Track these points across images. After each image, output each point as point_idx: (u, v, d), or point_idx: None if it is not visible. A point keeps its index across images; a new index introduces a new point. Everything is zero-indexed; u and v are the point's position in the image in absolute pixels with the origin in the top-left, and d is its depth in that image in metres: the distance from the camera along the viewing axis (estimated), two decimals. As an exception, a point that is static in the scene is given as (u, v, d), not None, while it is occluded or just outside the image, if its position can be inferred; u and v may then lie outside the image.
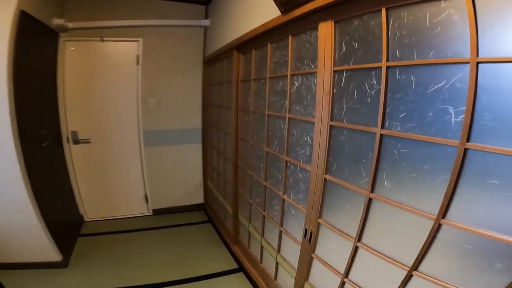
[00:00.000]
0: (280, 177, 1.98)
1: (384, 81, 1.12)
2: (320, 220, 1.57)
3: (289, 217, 1.93)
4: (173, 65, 3.58)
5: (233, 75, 2.63)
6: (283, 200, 1.95)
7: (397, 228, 1.14)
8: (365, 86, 1.24)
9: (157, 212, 3.89)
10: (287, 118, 1.84)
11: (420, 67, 1.00)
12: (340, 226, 1.45)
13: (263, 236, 2.34)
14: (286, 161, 1.88)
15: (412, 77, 1.03)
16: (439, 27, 0.93)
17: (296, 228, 1.85)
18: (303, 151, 1.71)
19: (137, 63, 3.39)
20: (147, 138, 3.62)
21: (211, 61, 3.47)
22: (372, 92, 1.20)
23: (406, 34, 1.05)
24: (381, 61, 1.14)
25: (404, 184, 1.09)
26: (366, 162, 1.25)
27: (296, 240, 1.83)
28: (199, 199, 4.19)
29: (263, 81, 2.17)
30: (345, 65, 1.35)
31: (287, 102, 1.83)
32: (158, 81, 3.54)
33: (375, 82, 1.18)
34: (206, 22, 3.40)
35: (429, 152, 0.99)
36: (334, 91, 1.42)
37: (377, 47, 1.16)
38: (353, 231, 1.34)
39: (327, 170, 1.50)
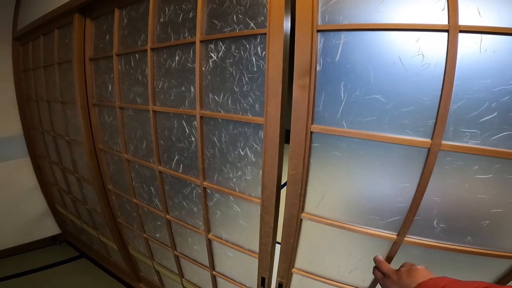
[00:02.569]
0: (195, 209, 1.22)
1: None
2: (294, 270, 1.00)
3: (225, 260, 1.27)
4: None
5: (75, 52, 1.45)
6: (210, 241, 1.24)
7: None
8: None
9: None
10: (198, 117, 1.02)
11: None
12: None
13: (183, 278, 1.61)
14: (205, 188, 1.12)
15: None
16: None
17: (242, 274, 1.22)
18: (239, 172, 0.99)
19: None
20: None
21: (31, 35, 1.94)
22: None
23: None
24: None
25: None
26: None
27: (245, 287, 1.23)
28: (51, 230, 2.88)
29: (138, 55, 1.20)
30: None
31: (195, 89, 1.00)
32: None
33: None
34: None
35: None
36: (318, 68, 0.76)
37: None
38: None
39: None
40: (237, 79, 0.91)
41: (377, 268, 0.72)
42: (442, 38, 0.64)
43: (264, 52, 0.84)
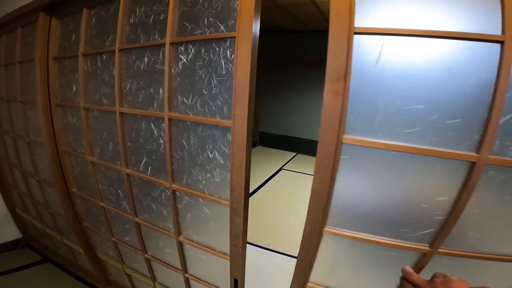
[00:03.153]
0: (165, 211, 1.20)
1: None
2: (309, 284, 1.01)
3: (198, 262, 1.26)
4: None
5: (37, 51, 1.36)
6: (181, 243, 1.23)
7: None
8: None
9: None
10: (166, 119, 1.00)
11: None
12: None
13: (156, 281, 1.58)
14: (174, 190, 1.10)
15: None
16: None
17: (215, 276, 1.23)
18: (208, 174, 0.98)
19: None
20: None
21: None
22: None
23: None
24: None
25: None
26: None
27: None
28: (11, 234, 2.70)
29: (106, 56, 1.15)
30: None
31: (164, 91, 0.97)
32: None
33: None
34: None
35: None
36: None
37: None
38: None
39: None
40: (206, 82, 0.91)
41: (405, 279, 0.66)
42: (495, 48, 0.61)
43: (233, 56, 0.84)
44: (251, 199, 3.52)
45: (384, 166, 0.73)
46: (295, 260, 2.46)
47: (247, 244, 2.51)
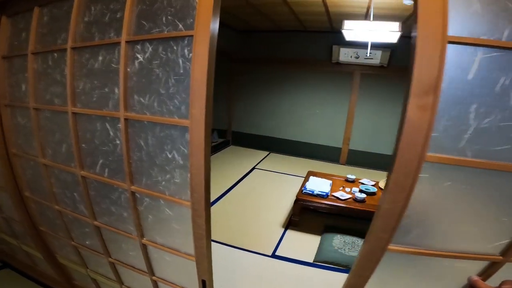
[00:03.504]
0: (125, 214, 1.16)
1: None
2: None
3: (161, 264, 1.24)
4: None
5: None
6: (145, 246, 1.20)
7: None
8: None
9: None
10: (122, 119, 0.96)
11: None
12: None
13: (123, 284, 1.53)
14: (133, 192, 1.06)
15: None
16: None
17: (183, 278, 1.21)
18: (167, 175, 0.96)
19: None
20: None
21: None
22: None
23: None
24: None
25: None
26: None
27: None
28: (-38, 243, 2.47)
29: (57, 55, 1.09)
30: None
31: (119, 90, 0.93)
32: None
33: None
34: None
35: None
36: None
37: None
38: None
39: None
40: (164, 81, 0.88)
41: None
42: None
43: (191, 54, 0.83)
44: (224, 198, 3.51)
45: (470, 184, 0.71)
46: (268, 258, 2.46)
47: (220, 245, 2.52)
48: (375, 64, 4.56)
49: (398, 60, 4.51)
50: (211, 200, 3.31)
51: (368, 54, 4.39)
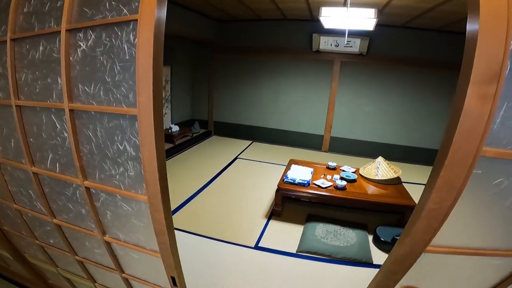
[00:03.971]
0: (83, 210, 1.10)
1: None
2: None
3: (129, 261, 1.19)
4: None
5: None
6: (108, 243, 1.14)
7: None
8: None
9: None
10: (67, 110, 0.89)
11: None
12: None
13: (96, 282, 1.48)
14: (87, 187, 1.00)
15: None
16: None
17: (153, 275, 1.17)
18: (121, 168, 0.90)
19: None
20: None
21: None
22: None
23: None
24: None
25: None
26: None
27: (161, 287, 1.18)
28: None
29: None
30: None
31: (61, 80, 0.86)
32: None
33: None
34: None
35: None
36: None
37: None
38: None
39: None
40: (109, 68, 0.82)
41: None
42: None
43: (136, 40, 0.76)
44: (205, 190, 3.46)
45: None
46: (251, 249, 2.43)
47: (201, 238, 2.49)
48: (354, 52, 4.59)
49: (377, 48, 4.54)
50: (193, 192, 3.31)
51: (346, 42, 4.41)
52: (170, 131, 5.02)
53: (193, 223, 2.73)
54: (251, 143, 5.59)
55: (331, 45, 4.61)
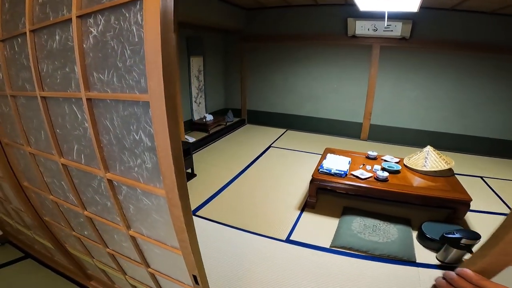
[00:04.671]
0: (108, 203, 1.08)
1: None
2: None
3: (153, 256, 1.16)
4: None
5: None
6: (134, 238, 1.12)
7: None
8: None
9: None
10: (84, 100, 0.85)
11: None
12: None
13: (126, 275, 1.50)
14: (110, 180, 0.97)
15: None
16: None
17: (176, 271, 1.13)
18: (138, 159, 0.85)
19: None
20: None
21: None
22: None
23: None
24: None
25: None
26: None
27: (184, 284, 1.14)
28: (-10, 231, 2.61)
29: (20, 39, 1.01)
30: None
31: (78, 69, 0.82)
32: None
33: None
34: None
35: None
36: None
37: None
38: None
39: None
40: (120, 53, 0.75)
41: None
42: None
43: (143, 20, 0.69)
44: (238, 179, 3.42)
45: None
46: (282, 243, 2.34)
47: (232, 229, 2.46)
48: (395, 36, 4.26)
49: (421, 32, 4.16)
50: (226, 182, 3.29)
51: (386, 26, 4.13)
52: (204, 120, 5.07)
53: (224, 213, 2.71)
54: (285, 131, 5.46)
55: (368, 29, 4.33)
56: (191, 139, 4.44)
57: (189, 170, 3.43)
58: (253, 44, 5.33)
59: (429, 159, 2.76)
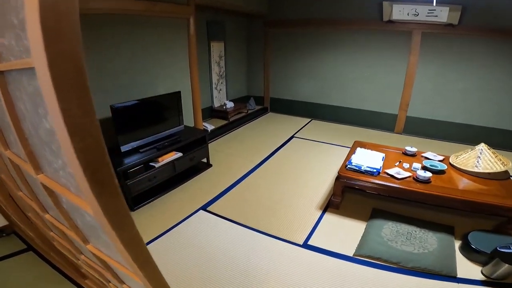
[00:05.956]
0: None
1: None
2: None
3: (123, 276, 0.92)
4: None
5: None
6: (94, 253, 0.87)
7: None
8: None
9: None
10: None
11: None
12: None
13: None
14: (44, 185, 0.72)
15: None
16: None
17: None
18: (59, 160, 0.58)
19: None
20: None
21: None
22: None
23: None
24: None
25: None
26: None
27: None
28: (-3, 220, 2.57)
29: None
30: None
31: None
32: None
33: None
34: None
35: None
36: None
37: None
38: None
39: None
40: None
41: None
42: None
43: None
44: (257, 171, 3.14)
45: None
46: (298, 247, 1.98)
47: (243, 228, 2.19)
48: (440, 22, 3.68)
49: (472, 18, 3.54)
50: (243, 174, 3.02)
51: (428, 11, 3.62)
52: (224, 107, 4.82)
53: (238, 210, 2.45)
54: (310, 120, 5.06)
55: (408, 14, 3.81)
56: (210, 127, 4.22)
57: (205, 160, 3.24)
58: (276, 29, 4.96)
59: (483, 158, 2.27)
